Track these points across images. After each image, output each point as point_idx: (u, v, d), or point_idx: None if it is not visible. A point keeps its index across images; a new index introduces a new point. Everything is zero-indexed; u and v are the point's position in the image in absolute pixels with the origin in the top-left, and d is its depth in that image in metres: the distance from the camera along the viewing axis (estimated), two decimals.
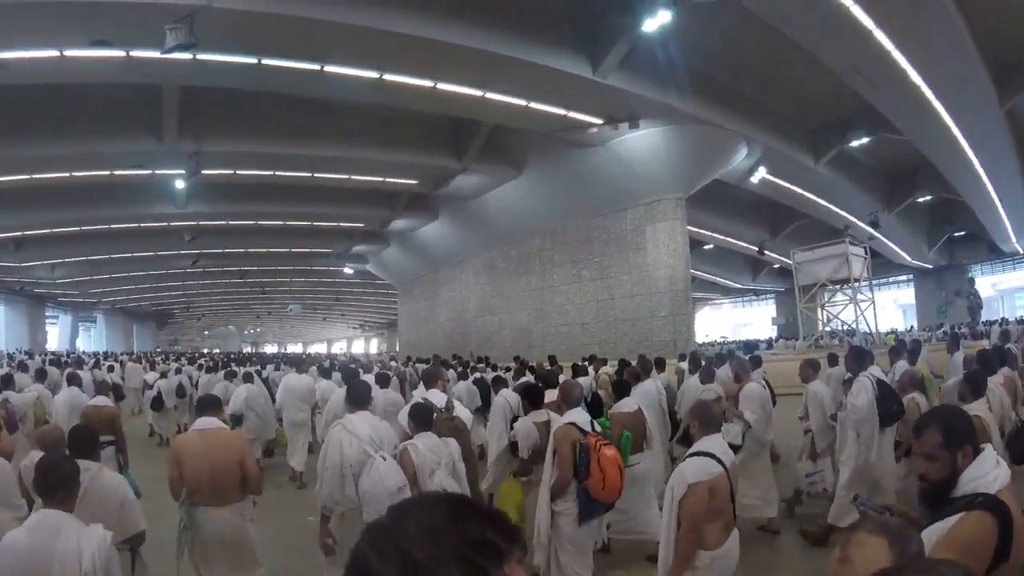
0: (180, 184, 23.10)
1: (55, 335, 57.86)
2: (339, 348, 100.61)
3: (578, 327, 26.28)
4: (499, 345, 30.18)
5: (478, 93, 17.25)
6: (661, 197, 22.79)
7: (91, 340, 63.91)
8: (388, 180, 25.55)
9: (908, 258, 42.58)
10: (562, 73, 16.28)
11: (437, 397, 6.59)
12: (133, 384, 20.40)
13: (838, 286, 27.00)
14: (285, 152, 21.28)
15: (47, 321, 55.54)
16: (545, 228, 27.60)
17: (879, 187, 30.66)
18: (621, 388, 7.42)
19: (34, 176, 21.53)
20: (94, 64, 14.24)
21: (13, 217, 26.40)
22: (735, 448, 6.18)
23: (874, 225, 31.19)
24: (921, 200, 32.41)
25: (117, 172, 22.06)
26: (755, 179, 25.49)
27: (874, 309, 27.70)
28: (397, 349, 49.03)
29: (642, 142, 20.95)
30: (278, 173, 23.89)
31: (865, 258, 26.86)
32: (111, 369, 20.95)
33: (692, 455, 4.02)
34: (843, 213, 31.02)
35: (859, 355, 7.40)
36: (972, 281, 42.34)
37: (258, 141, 20.65)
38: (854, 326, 27.08)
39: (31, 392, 10.07)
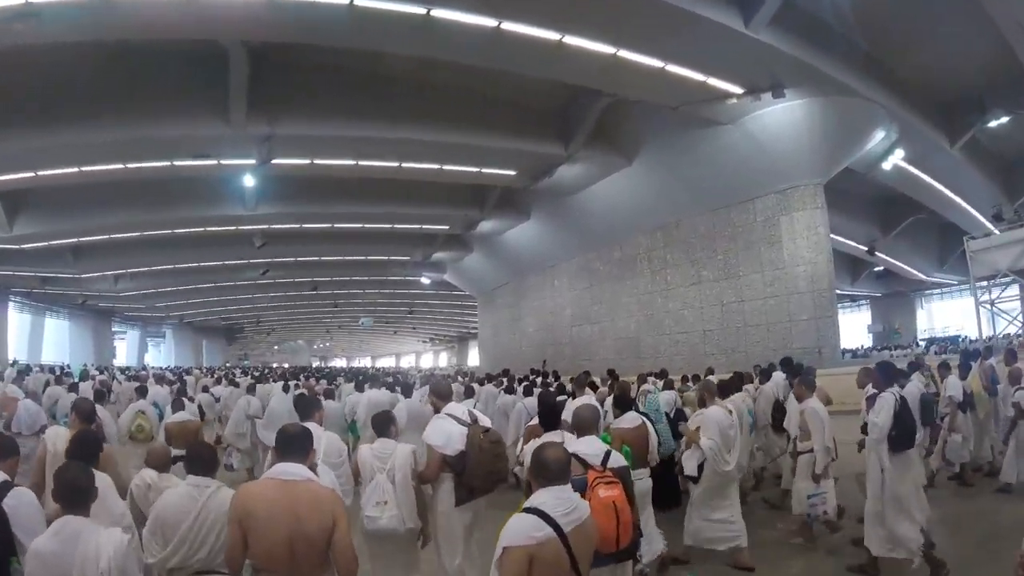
0: (249, 181, 21.12)
1: (123, 350, 57.64)
2: (407, 362, 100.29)
3: (698, 335, 23.48)
4: (600, 356, 27.77)
5: (609, 51, 14.62)
6: (797, 183, 20.14)
7: (160, 355, 64.07)
8: (484, 171, 22.90)
9: None
10: (708, 26, 13.70)
11: (459, 410, 6.02)
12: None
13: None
14: (369, 136, 18.68)
15: (116, 336, 55.40)
16: (655, 225, 25.02)
17: (999, 177, 28.00)
18: (623, 403, 6.88)
19: (83, 168, 18.95)
20: (145, 6, 11.97)
21: (66, 221, 24.31)
22: (692, 479, 7.13)
23: (997, 219, 28.44)
24: None
25: (178, 163, 19.49)
26: (887, 165, 22.90)
27: None
28: (478, 363, 47.20)
29: (780, 117, 18.41)
30: (360, 163, 21.19)
31: None
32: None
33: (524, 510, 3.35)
34: (967, 206, 28.90)
35: (887, 369, 7.05)
36: None
37: (338, 123, 18.13)
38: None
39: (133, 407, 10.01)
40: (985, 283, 25.22)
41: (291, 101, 17.40)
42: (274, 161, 18.62)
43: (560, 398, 8.41)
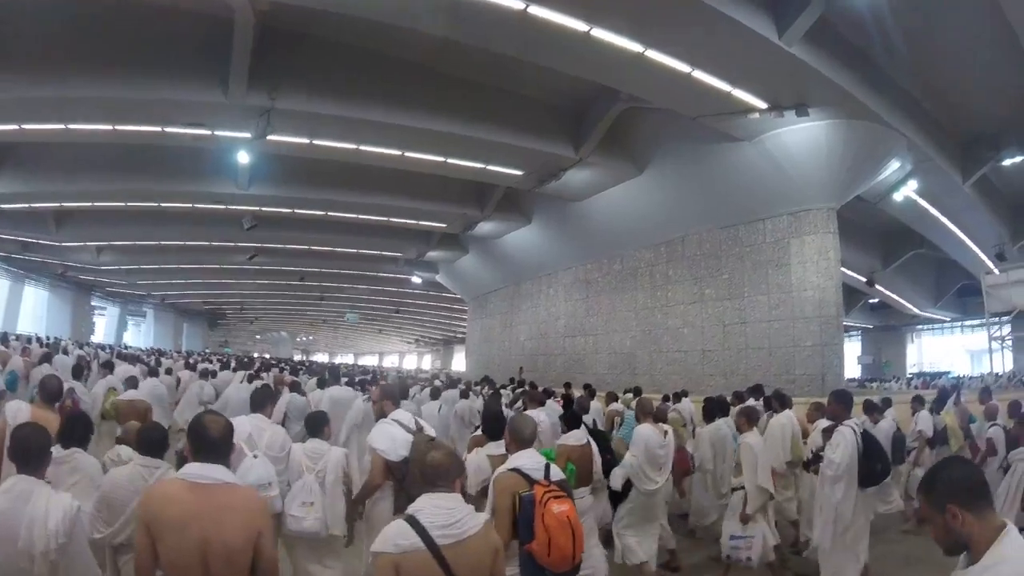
0: (244, 158, 20.25)
1: (102, 327, 56.47)
2: (390, 362, 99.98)
3: (697, 354, 22.77)
4: (593, 370, 27.08)
5: (638, 48, 13.82)
6: (811, 206, 19.46)
7: (140, 335, 62.90)
8: (490, 168, 22.03)
9: None
10: (741, 33, 12.98)
11: (405, 417, 5.99)
12: None
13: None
14: (373, 120, 17.69)
15: (95, 312, 54.16)
16: (660, 239, 24.29)
17: (1005, 217, 27.58)
18: (572, 420, 6.73)
19: (69, 126, 17.83)
20: None
21: (49, 182, 23.18)
22: (618, 496, 7.13)
23: (1000, 258, 28.66)
24: None
25: (170, 129, 18.34)
26: (899, 196, 22.48)
27: None
28: (463, 368, 46.50)
29: (799, 137, 17.74)
30: (362, 148, 20.11)
31: None
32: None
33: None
34: (970, 243, 28.81)
35: (844, 399, 6.54)
36: None
37: (342, 102, 17.20)
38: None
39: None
40: (997, 320, 24.80)
41: (295, 74, 16.51)
42: (271, 138, 17.68)
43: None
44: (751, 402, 11.83)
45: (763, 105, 16.45)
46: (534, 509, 3.96)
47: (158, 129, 18.34)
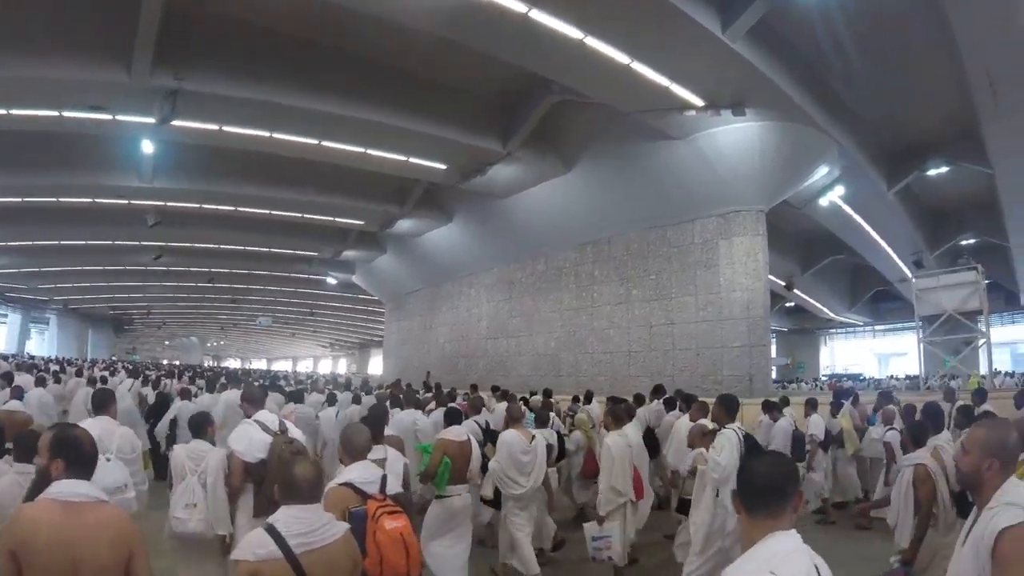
0: (148, 147, 19.05)
1: (2, 335, 54.21)
2: (305, 367, 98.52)
3: (623, 355, 22.39)
4: (516, 372, 26.62)
5: (578, 35, 13.15)
6: (740, 208, 19.33)
7: (45, 343, 60.01)
8: (413, 161, 21.00)
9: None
10: (685, 24, 12.52)
11: (269, 418, 5.95)
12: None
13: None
14: (288, 104, 16.47)
15: None
16: (585, 238, 23.87)
17: (924, 226, 28.54)
18: (452, 416, 7.03)
19: None
20: None
21: None
22: (490, 503, 7.65)
23: (918, 265, 29.81)
24: (964, 243, 30.08)
25: (68, 114, 16.80)
26: (825, 201, 23.01)
27: (989, 348, 24.47)
28: (380, 371, 45.59)
29: (732, 137, 17.56)
30: (275, 135, 18.75)
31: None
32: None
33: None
34: (889, 251, 29.66)
35: (728, 403, 6.53)
36: None
37: (256, 84, 15.90)
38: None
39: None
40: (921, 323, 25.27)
41: (205, 53, 15.25)
42: (177, 123, 16.36)
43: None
44: (654, 404, 12.17)
45: (700, 103, 16.10)
46: (365, 525, 3.86)
47: (55, 114, 16.78)
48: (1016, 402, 10.44)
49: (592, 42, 13.41)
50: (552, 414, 10.06)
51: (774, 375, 46.45)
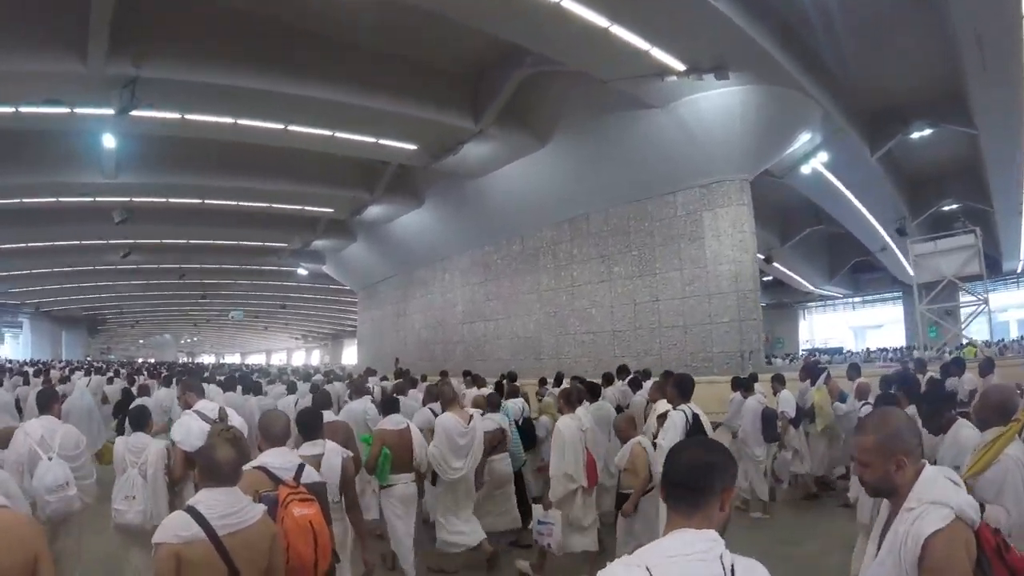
0: (110, 141, 18.33)
1: None
2: (278, 360, 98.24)
3: (607, 335, 21.77)
4: (495, 356, 26.01)
5: None
6: (723, 178, 18.80)
7: (18, 347, 59.19)
8: (382, 142, 20.29)
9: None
10: None
11: (209, 407, 6.10)
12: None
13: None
14: (252, 87, 15.79)
15: None
16: (563, 216, 23.22)
17: (906, 192, 28.19)
18: (388, 405, 7.11)
19: None
20: None
21: None
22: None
23: (901, 233, 29.21)
24: (947, 209, 29.66)
25: (24, 109, 16.05)
26: (807, 169, 22.41)
27: (988, 314, 24.59)
28: (354, 361, 45.09)
29: (715, 103, 16.92)
30: (240, 122, 18.05)
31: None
32: None
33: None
34: (871, 219, 29.44)
35: (681, 385, 6.38)
36: None
37: (217, 68, 15.14)
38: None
39: None
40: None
41: (163, 37, 14.48)
42: (138, 113, 15.43)
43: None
44: (619, 384, 11.88)
45: (682, 67, 15.34)
46: (275, 511, 3.67)
47: (11, 110, 16.02)
48: (981, 369, 10.55)
49: (569, 4, 12.63)
50: (520, 399, 9.67)
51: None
